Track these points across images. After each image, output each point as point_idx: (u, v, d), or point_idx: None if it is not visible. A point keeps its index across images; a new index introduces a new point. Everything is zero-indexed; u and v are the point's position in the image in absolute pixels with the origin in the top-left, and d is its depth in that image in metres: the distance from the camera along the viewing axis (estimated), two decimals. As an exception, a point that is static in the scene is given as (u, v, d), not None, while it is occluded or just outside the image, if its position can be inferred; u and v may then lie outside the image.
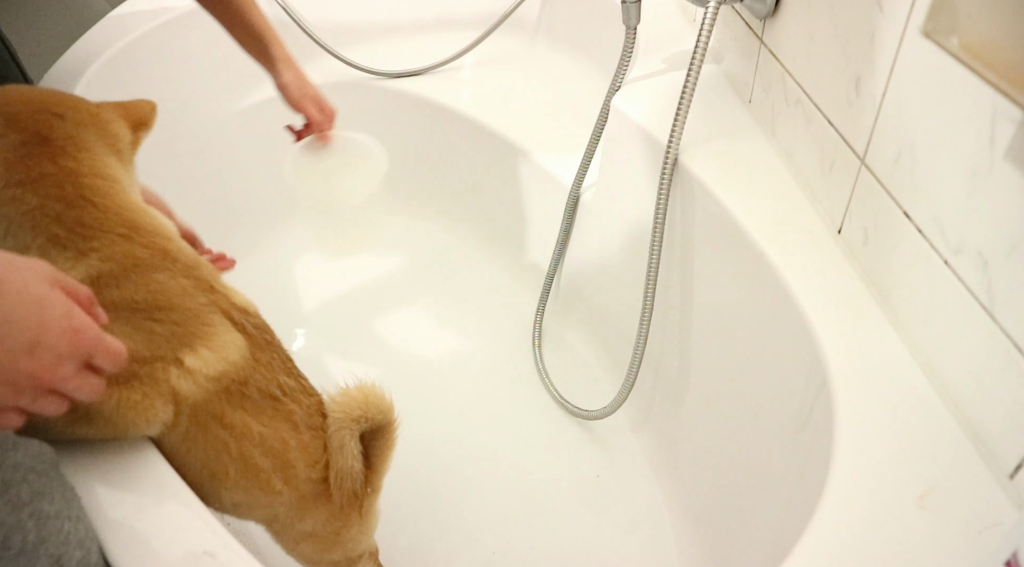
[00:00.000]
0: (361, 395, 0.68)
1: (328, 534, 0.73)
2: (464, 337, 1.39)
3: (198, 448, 0.62)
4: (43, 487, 0.53)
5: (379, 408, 0.69)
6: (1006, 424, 0.61)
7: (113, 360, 0.52)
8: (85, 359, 0.50)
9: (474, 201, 1.52)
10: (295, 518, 0.70)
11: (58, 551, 0.52)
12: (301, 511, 0.69)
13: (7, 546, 0.49)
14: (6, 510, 0.49)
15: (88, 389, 0.51)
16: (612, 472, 1.17)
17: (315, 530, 0.72)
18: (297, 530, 0.71)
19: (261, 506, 0.68)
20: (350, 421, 0.67)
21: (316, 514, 0.70)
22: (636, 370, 1.04)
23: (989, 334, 0.61)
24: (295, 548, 0.75)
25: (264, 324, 0.67)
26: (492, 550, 1.07)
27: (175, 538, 0.57)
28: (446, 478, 1.15)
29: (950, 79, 0.62)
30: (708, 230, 0.95)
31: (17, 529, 0.50)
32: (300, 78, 1.07)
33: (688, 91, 0.90)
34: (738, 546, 0.91)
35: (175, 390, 0.59)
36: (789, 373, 0.80)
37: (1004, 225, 0.58)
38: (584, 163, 1.21)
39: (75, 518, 0.54)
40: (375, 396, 0.69)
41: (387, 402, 0.70)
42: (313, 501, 0.69)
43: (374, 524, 0.78)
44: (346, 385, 0.69)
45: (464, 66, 1.52)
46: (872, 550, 0.58)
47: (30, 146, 0.59)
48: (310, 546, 0.74)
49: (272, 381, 0.64)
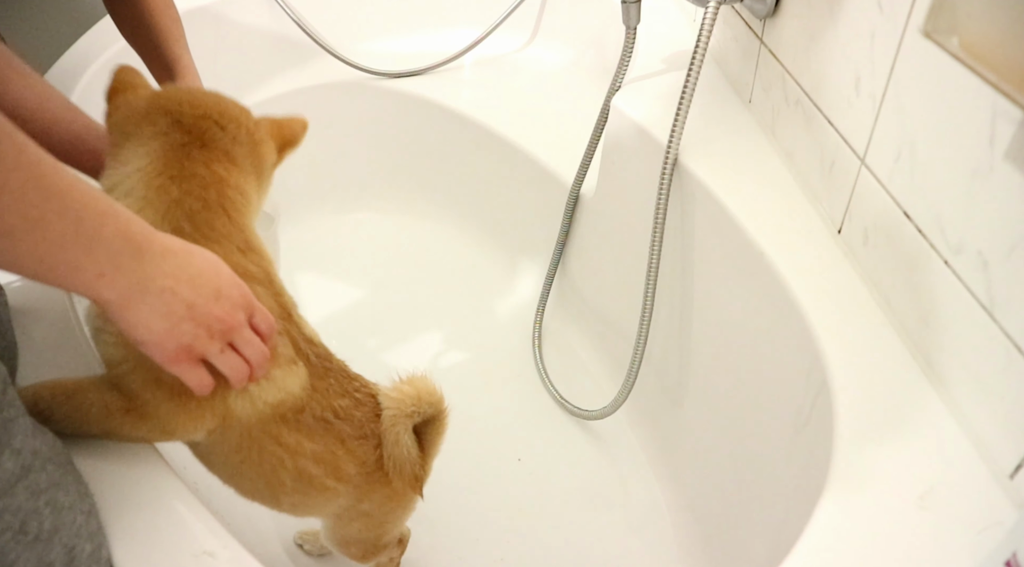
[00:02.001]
0: (413, 390, 0.70)
1: (383, 513, 0.76)
2: (464, 337, 1.39)
3: (252, 461, 0.64)
4: (60, 477, 0.53)
5: (430, 401, 0.71)
6: (1006, 424, 0.61)
7: (265, 319, 0.58)
8: (249, 315, 0.56)
9: (474, 201, 1.52)
10: (355, 502, 0.73)
11: (71, 542, 0.52)
12: (359, 497, 0.72)
13: (24, 531, 0.49)
14: (25, 495, 0.50)
15: (255, 345, 0.57)
16: (612, 472, 1.17)
17: (371, 510, 0.75)
18: (356, 510, 0.74)
19: (320, 504, 0.72)
20: (403, 417, 0.69)
21: (373, 497, 0.73)
22: (636, 370, 1.04)
23: (989, 334, 0.61)
24: (347, 527, 0.77)
25: (326, 353, 0.69)
26: (492, 549, 1.07)
27: (175, 538, 0.57)
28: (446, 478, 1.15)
29: (950, 79, 0.62)
30: (708, 230, 0.95)
31: (34, 515, 0.50)
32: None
33: (688, 91, 0.90)
34: (738, 546, 0.91)
35: (230, 409, 0.61)
36: (789, 373, 0.80)
37: (1004, 225, 0.58)
38: (584, 163, 1.21)
39: (87, 512, 0.55)
40: (426, 390, 0.71)
41: (438, 394, 0.72)
42: (368, 487, 0.72)
43: (412, 506, 0.81)
44: (399, 379, 0.71)
45: (464, 66, 1.52)
46: (872, 550, 0.58)
47: (190, 148, 0.63)
48: (359, 526, 0.77)
49: (327, 407, 0.67)
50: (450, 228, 1.56)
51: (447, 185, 1.55)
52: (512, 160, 1.37)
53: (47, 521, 0.51)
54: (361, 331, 1.40)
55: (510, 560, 1.06)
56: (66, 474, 0.55)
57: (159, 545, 0.56)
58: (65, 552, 0.51)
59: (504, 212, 1.46)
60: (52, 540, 0.51)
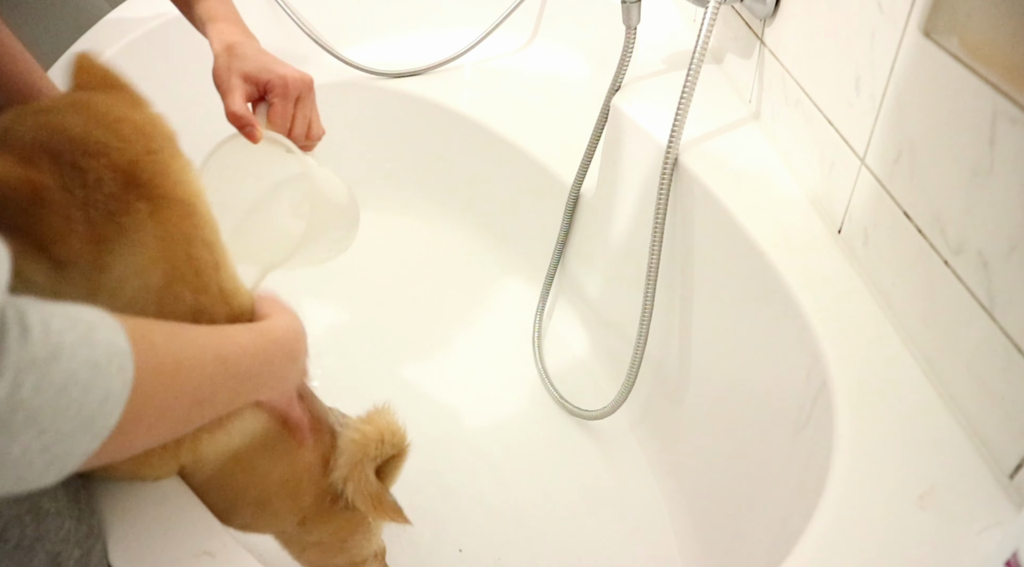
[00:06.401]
0: (375, 431, 0.68)
1: (334, 542, 0.74)
2: (464, 337, 1.39)
3: (215, 491, 0.63)
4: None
5: (393, 442, 0.69)
6: (1006, 424, 0.61)
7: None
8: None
9: (474, 201, 1.52)
10: (302, 533, 0.71)
11: (56, 548, 0.52)
12: (307, 528, 0.71)
13: (4, 539, 0.49)
14: (5, 503, 0.50)
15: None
16: (612, 472, 1.17)
17: (321, 540, 0.73)
18: (304, 541, 0.73)
19: (270, 527, 0.71)
20: (368, 460, 0.68)
21: (322, 528, 0.71)
22: (636, 370, 1.04)
23: (989, 334, 0.61)
24: (301, 555, 0.76)
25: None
26: (492, 549, 1.07)
27: (175, 538, 0.57)
28: (445, 478, 1.15)
29: (950, 79, 0.62)
30: (708, 230, 0.95)
31: (15, 523, 0.50)
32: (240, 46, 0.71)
33: (688, 91, 0.90)
34: (738, 546, 0.91)
35: (201, 455, 0.60)
36: (789, 373, 0.80)
37: (1004, 225, 0.58)
38: (584, 163, 1.21)
39: (77, 516, 0.54)
40: (389, 429, 0.69)
41: (401, 434, 0.70)
42: (316, 518, 0.70)
43: (379, 529, 0.80)
44: (360, 419, 0.69)
45: (464, 66, 1.52)
46: (872, 550, 0.58)
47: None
48: (316, 554, 0.75)
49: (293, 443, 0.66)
50: (449, 228, 1.56)
51: (447, 185, 1.55)
52: (512, 160, 1.37)
53: (29, 528, 0.50)
54: (359, 330, 1.40)
55: (508, 560, 1.06)
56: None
57: (159, 545, 0.56)
58: (49, 559, 0.51)
59: (504, 212, 1.46)
60: (34, 547, 0.50)
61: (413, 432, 0.72)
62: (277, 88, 0.69)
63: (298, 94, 0.70)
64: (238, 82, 0.68)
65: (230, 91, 0.68)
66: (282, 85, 0.69)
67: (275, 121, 0.70)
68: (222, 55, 0.70)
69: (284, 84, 0.69)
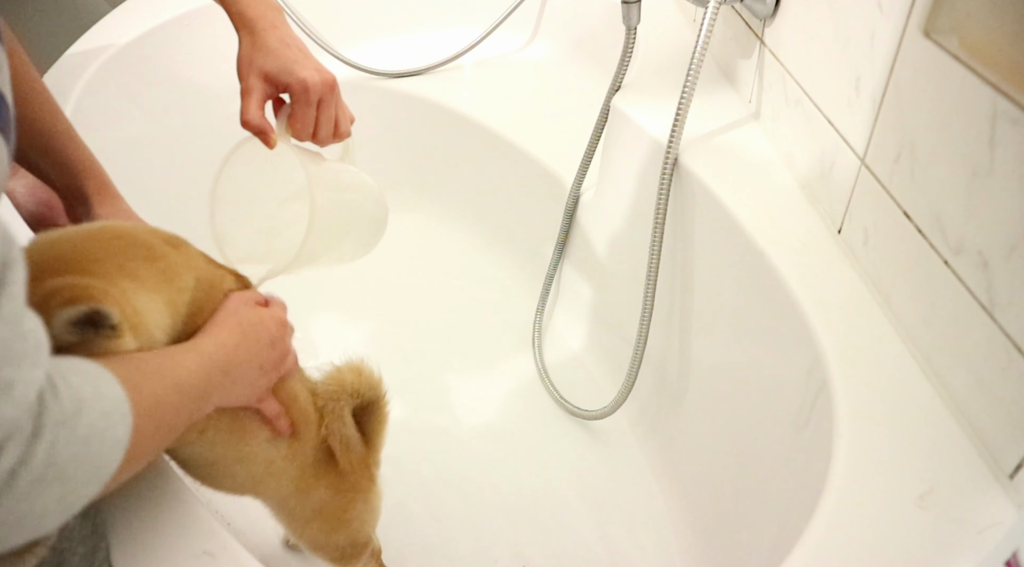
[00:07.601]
0: (352, 373, 0.72)
1: (336, 510, 0.75)
2: (464, 337, 1.39)
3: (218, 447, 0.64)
4: None
5: (369, 384, 0.73)
6: (1006, 424, 0.61)
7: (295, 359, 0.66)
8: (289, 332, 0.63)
9: (474, 201, 1.52)
10: (304, 491, 0.72)
11: (60, 546, 0.52)
12: (308, 483, 0.72)
13: None
14: None
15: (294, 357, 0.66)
16: (612, 472, 1.17)
17: (323, 504, 0.74)
18: (306, 507, 0.73)
19: (271, 479, 0.71)
20: (345, 395, 0.71)
21: (324, 482, 0.73)
22: (636, 370, 1.04)
23: (989, 334, 0.61)
24: (305, 530, 0.76)
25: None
26: (489, 550, 1.07)
27: (175, 538, 0.57)
28: (446, 477, 1.15)
29: (950, 79, 0.62)
30: (708, 230, 0.95)
31: None
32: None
33: (688, 91, 0.90)
34: (738, 546, 0.91)
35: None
36: (789, 373, 0.80)
37: (1004, 225, 0.58)
38: (584, 163, 1.21)
39: (80, 514, 0.54)
40: (365, 373, 0.73)
41: (376, 378, 0.73)
42: (315, 470, 0.72)
43: (378, 506, 0.80)
44: (336, 365, 0.72)
45: (464, 66, 1.52)
46: (872, 550, 0.58)
47: None
48: (318, 526, 0.76)
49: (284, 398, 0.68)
50: (449, 227, 1.56)
51: (446, 185, 1.55)
52: (512, 160, 1.37)
53: None
54: (358, 329, 1.40)
55: (510, 559, 1.06)
56: None
57: (159, 545, 0.56)
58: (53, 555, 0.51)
59: (504, 212, 1.46)
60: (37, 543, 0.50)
61: (413, 432, 0.72)
62: (297, 94, 0.66)
63: (319, 98, 0.67)
64: (257, 82, 0.65)
65: (248, 93, 0.65)
66: (302, 91, 0.66)
67: (297, 127, 0.67)
68: (246, 42, 0.67)
69: (304, 90, 0.66)
